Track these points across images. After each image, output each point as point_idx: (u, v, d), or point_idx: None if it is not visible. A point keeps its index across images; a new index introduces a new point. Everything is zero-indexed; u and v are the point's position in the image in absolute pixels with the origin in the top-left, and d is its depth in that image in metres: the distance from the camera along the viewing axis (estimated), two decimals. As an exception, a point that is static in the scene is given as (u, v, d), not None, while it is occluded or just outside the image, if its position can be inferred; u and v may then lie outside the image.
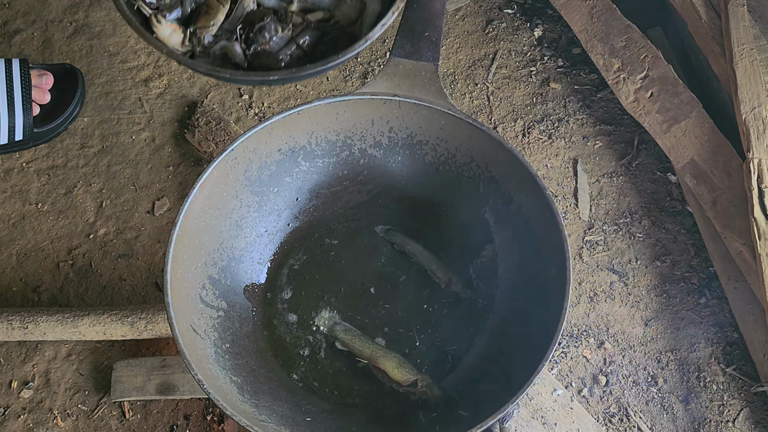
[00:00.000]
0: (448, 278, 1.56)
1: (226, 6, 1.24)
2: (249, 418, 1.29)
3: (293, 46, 1.23)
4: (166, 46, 1.18)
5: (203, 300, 1.46)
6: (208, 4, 1.24)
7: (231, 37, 1.23)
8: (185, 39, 1.22)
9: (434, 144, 1.57)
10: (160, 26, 1.20)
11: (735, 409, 1.74)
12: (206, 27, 1.22)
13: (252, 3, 1.26)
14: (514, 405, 1.27)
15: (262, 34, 1.22)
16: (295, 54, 1.22)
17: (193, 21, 1.23)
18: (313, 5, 1.27)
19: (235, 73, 1.18)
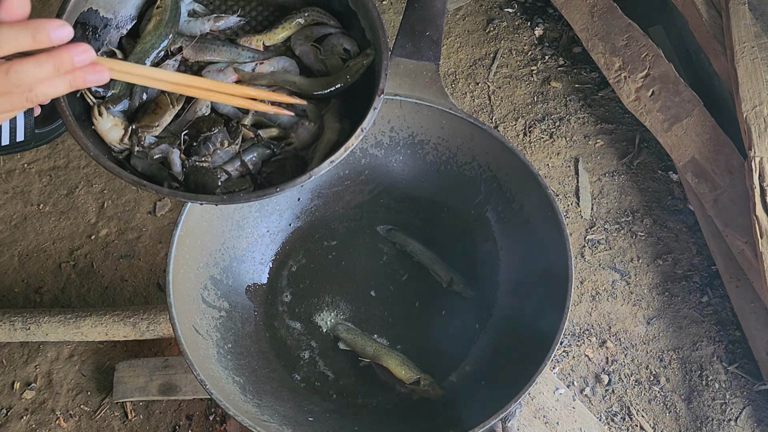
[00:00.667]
0: (450, 278, 1.56)
1: (176, 107, 1.13)
2: (251, 418, 1.29)
3: (237, 162, 1.13)
4: (93, 149, 1.04)
5: (205, 300, 1.46)
6: (158, 102, 1.12)
7: (174, 141, 1.12)
8: (125, 136, 1.10)
9: (435, 143, 1.57)
10: (101, 119, 1.07)
11: (737, 408, 1.74)
12: (150, 127, 1.10)
13: (205, 108, 1.16)
14: (516, 404, 1.27)
15: (206, 145, 1.12)
16: (237, 172, 1.13)
17: (138, 118, 1.12)
18: (268, 121, 1.17)
19: (161, 190, 1.05)
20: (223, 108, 1.17)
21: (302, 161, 1.15)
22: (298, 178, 1.06)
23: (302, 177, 1.06)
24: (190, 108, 1.15)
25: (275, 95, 1.10)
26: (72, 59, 0.83)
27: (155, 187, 1.05)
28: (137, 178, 1.04)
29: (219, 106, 1.17)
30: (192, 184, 1.10)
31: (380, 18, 1.16)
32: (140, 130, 1.10)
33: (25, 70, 0.80)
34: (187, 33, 1.19)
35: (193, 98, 1.15)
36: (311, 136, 1.16)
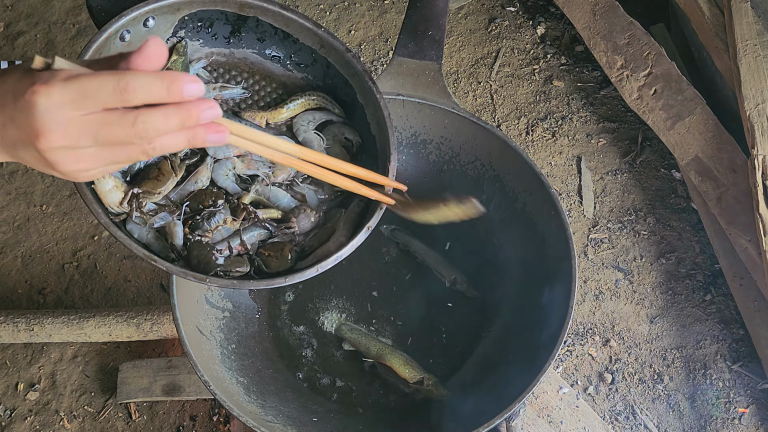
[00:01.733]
0: (453, 277, 1.56)
1: (178, 175, 1.10)
2: (255, 418, 1.29)
3: (237, 240, 1.11)
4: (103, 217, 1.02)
5: (209, 301, 1.46)
6: (160, 168, 1.09)
7: (175, 211, 1.10)
8: (124, 199, 1.06)
9: (438, 143, 1.57)
10: (102, 180, 1.03)
11: (741, 406, 1.74)
12: (152, 193, 1.07)
13: (205, 179, 1.13)
14: (520, 404, 1.27)
15: (209, 220, 1.10)
16: (236, 250, 1.11)
17: (139, 182, 1.09)
18: (268, 201, 1.15)
19: (172, 268, 1.03)
20: (222, 181, 1.15)
21: (300, 248, 1.14)
22: (306, 271, 1.07)
23: (310, 270, 1.08)
24: (191, 179, 1.13)
25: (380, 178, 1.10)
26: (199, 115, 0.78)
27: (167, 265, 1.03)
28: (149, 253, 1.03)
29: (218, 180, 1.15)
30: (194, 259, 1.08)
31: (390, 117, 1.14)
32: (141, 195, 1.08)
33: (152, 122, 0.75)
34: None
35: (195, 168, 1.13)
36: (311, 226, 1.15)
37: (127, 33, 1.07)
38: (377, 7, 2.36)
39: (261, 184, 1.16)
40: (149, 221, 1.09)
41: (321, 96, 1.20)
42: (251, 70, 1.22)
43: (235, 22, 1.18)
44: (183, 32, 1.16)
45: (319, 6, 2.37)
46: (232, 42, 1.20)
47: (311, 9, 2.35)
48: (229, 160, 1.16)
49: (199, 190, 1.13)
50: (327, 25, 2.32)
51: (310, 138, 1.18)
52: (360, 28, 2.32)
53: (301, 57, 1.20)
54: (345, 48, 1.16)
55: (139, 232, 1.09)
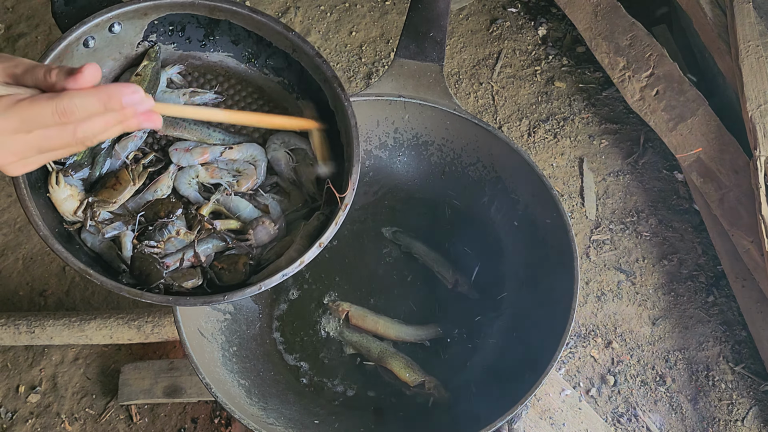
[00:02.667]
0: (455, 279, 1.56)
1: (137, 184, 1.10)
2: (257, 421, 1.29)
3: (190, 252, 1.09)
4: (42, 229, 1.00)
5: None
6: (118, 177, 1.09)
7: (129, 221, 1.08)
8: (79, 208, 1.06)
9: (440, 144, 1.56)
10: (57, 188, 1.03)
11: (744, 408, 1.73)
12: (107, 202, 1.07)
13: (166, 188, 1.13)
14: (522, 406, 1.27)
15: (161, 231, 1.09)
16: (189, 262, 1.09)
17: (96, 191, 1.08)
18: (228, 212, 1.14)
19: (106, 282, 1.01)
20: (184, 190, 1.14)
21: (256, 261, 1.12)
22: (248, 289, 1.04)
23: (252, 288, 1.04)
24: (150, 187, 1.12)
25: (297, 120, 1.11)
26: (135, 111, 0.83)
27: (101, 279, 1.02)
28: (83, 267, 1.01)
29: (181, 188, 1.14)
30: (137, 270, 1.06)
31: (356, 127, 1.12)
32: (96, 204, 1.07)
33: (91, 129, 0.81)
34: None
35: (155, 177, 1.13)
36: (269, 238, 1.13)
37: (92, 39, 1.07)
38: (378, 8, 2.36)
39: (223, 193, 1.15)
40: (102, 230, 1.07)
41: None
42: (227, 74, 1.21)
43: (208, 25, 1.18)
44: (155, 36, 1.15)
45: (320, 7, 2.36)
46: (207, 45, 1.19)
47: (312, 10, 2.35)
48: (192, 168, 1.15)
49: (156, 199, 1.12)
50: (328, 26, 2.32)
51: (279, 156, 1.17)
52: (361, 29, 2.31)
53: (276, 61, 1.20)
54: (315, 53, 1.15)
55: (92, 241, 1.08)
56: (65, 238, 1.05)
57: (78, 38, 1.05)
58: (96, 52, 1.09)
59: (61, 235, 1.04)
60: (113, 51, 1.13)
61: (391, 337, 1.51)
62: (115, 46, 1.12)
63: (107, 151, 1.11)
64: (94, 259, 1.07)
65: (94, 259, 1.07)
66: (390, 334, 1.51)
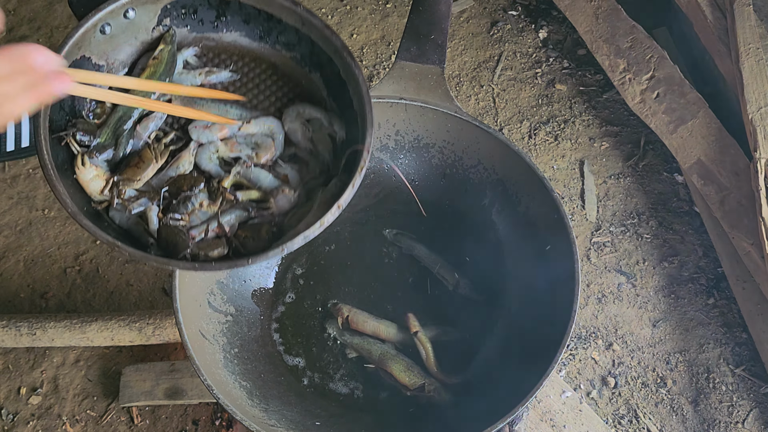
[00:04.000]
0: (456, 281, 1.56)
1: (159, 162, 1.12)
2: (258, 422, 1.29)
3: (214, 223, 1.11)
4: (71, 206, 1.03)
5: (211, 305, 1.46)
6: (141, 155, 1.12)
7: (154, 197, 1.12)
8: (105, 187, 1.10)
9: (441, 147, 1.57)
10: (84, 168, 1.07)
11: (744, 410, 1.73)
12: (132, 180, 1.10)
13: (188, 164, 1.15)
14: (523, 408, 1.27)
15: (185, 204, 1.11)
16: (213, 233, 1.11)
17: (121, 170, 1.12)
18: (248, 183, 1.16)
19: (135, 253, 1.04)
20: (205, 165, 1.17)
21: (278, 228, 1.14)
22: (271, 251, 1.06)
23: (275, 250, 1.06)
24: (173, 164, 1.15)
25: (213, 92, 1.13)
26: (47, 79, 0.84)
27: (129, 250, 1.04)
28: (112, 239, 1.03)
29: (202, 164, 1.17)
30: (163, 241, 1.09)
31: (369, 93, 1.15)
32: (121, 183, 1.10)
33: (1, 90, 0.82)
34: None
35: (177, 154, 1.16)
36: (290, 205, 1.15)
37: (108, 26, 1.10)
38: (379, 10, 2.36)
39: (243, 166, 1.17)
40: (129, 207, 1.10)
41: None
42: (241, 53, 1.23)
43: (218, 6, 1.19)
44: (168, 20, 1.17)
45: (321, 10, 2.37)
46: (219, 26, 1.21)
47: (313, 13, 2.35)
48: (212, 144, 1.18)
49: (179, 175, 1.15)
50: (329, 29, 2.32)
51: (295, 127, 1.20)
52: (362, 31, 2.32)
53: (287, 37, 1.21)
54: (323, 25, 1.17)
55: (120, 218, 1.11)
56: (94, 217, 1.07)
57: (94, 25, 1.07)
58: (113, 38, 1.11)
59: (90, 214, 1.06)
60: (129, 37, 1.15)
61: (392, 340, 1.51)
62: (131, 31, 1.14)
63: (129, 132, 1.14)
64: (123, 236, 1.09)
65: (122, 236, 1.09)
66: (391, 337, 1.52)
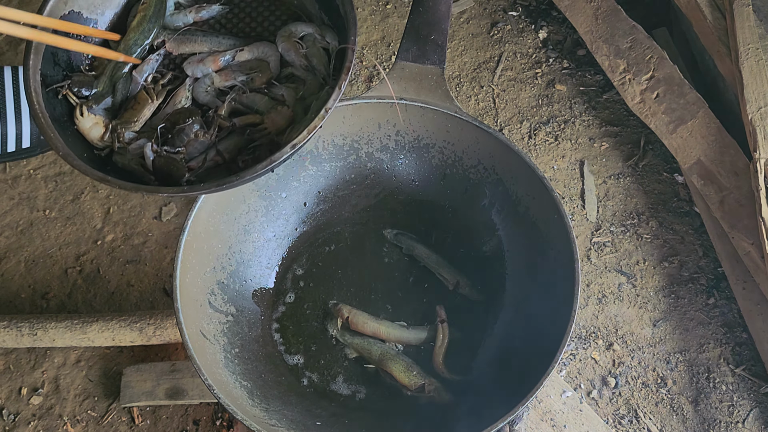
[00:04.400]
0: (456, 281, 1.56)
1: (155, 102, 1.14)
2: (259, 422, 1.29)
3: (213, 152, 1.13)
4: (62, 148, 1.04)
5: (212, 305, 1.46)
6: (137, 98, 1.14)
7: (152, 135, 1.12)
8: (105, 133, 1.11)
9: (441, 147, 1.57)
10: (82, 118, 1.09)
11: (745, 410, 1.74)
12: (130, 122, 1.12)
13: (185, 100, 1.17)
14: (523, 407, 1.27)
15: (180, 136, 1.12)
16: (213, 161, 1.13)
17: (119, 115, 1.14)
18: (246, 107, 1.17)
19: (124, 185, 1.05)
20: (202, 98, 1.17)
21: (276, 146, 1.13)
22: (259, 165, 1.05)
23: (263, 162, 1.05)
24: (170, 101, 1.16)
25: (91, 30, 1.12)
26: None
27: (118, 182, 1.05)
28: (102, 174, 1.04)
29: (199, 97, 1.18)
30: (159, 172, 1.10)
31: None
32: (119, 127, 1.11)
33: None
34: (171, 26, 1.19)
35: (173, 91, 1.17)
36: (285, 120, 1.15)
37: None
38: (379, 11, 2.36)
39: (239, 93, 1.18)
40: (128, 148, 1.12)
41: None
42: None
43: None
44: None
45: (321, 11, 2.37)
46: None
47: (314, 14, 2.36)
48: (207, 77, 1.18)
49: (174, 110, 1.16)
50: (329, 29, 2.32)
51: (288, 47, 1.20)
52: (362, 32, 2.32)
53: None
54: None
55: (123, 161, 1.12)
56: (98, 164, 1.09)
57: None
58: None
59: (93, 161, 1.08)
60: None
61: (392, 340, 1.52)
62: None
63: (126, 79, 1.16)
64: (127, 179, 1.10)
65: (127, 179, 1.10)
66: (391, 337, 1.52)
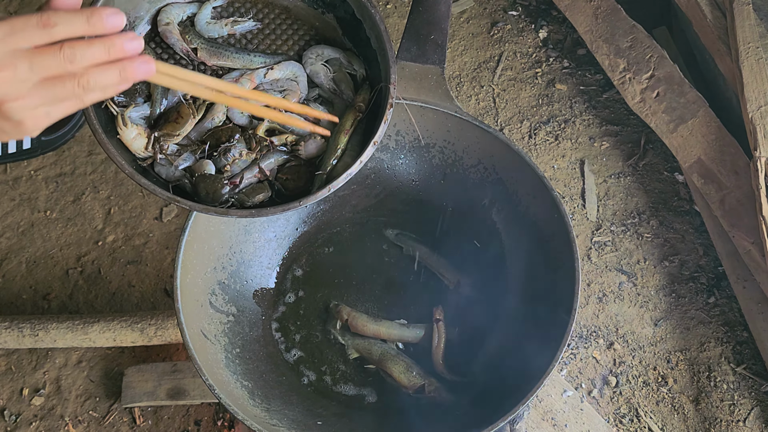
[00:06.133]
0: (457, 280, 1.56)
1: (198, 116, 1.17)
2: (260, 422, 1.30)
3: (255, 169, 1.18)
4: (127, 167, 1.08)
5: (213, 305, 1.46)
6: (179, 111, 1.16)
7: (197, 150, 1.16)
8: (148, 144, 1.14)
9: (441, 147, 1.57)
10: (126, 129, 1.11)
11: (746, 409, 1.74)
12: (172, 135, 1.15)
13: (222, 115, 1.20)
14: (524, 407, 1.27)
15: (226, 155, 1.16)
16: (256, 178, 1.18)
17: (160, 126, 1.16)
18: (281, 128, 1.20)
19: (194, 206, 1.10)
20: (238, 119, 1.21)
21: (313, 168, 1.19)
22: (319, 192, 1.12)
23: (322, 191, 1.12)
24: (207, 117, 1.19)
25: (312, 110, 1.14)
26: (123, 44, 0.85)
27: (189, 204, 1.10)
28: (171, 195, 1.09)
29: (234, 116, 1.21)
30: (202, 191, 1.14)
31: (386, 31, 1.18)
32: (162, 138, 1.14)
33: (77, 46, 0.82)
34: (206, 36, 1.22)
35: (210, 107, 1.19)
36: (318, 150, 1.20)
37: None
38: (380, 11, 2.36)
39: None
40: (174, 162, 1.16)
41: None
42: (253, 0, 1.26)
43: None
44: None
45: (321, 11, 2.37)
46: None
47: (314, 14, 2.36)
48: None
49: (216, 127, 1.19)
50: (329, 29, 2.33)
51: (317, 69, 1.23)
52: (362, 32, 2.32)
53: None
54: None
55: (166, 173, 1.16)
56: (142, 174, 1.12)
57: None
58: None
59: (138, 172, 1.11)
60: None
61: (393, 340, 1.52)
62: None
63: (164, 89, 1.18)
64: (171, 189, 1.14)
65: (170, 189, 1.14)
66: (392, 337, 1.52)
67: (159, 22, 1.20)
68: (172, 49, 1.21)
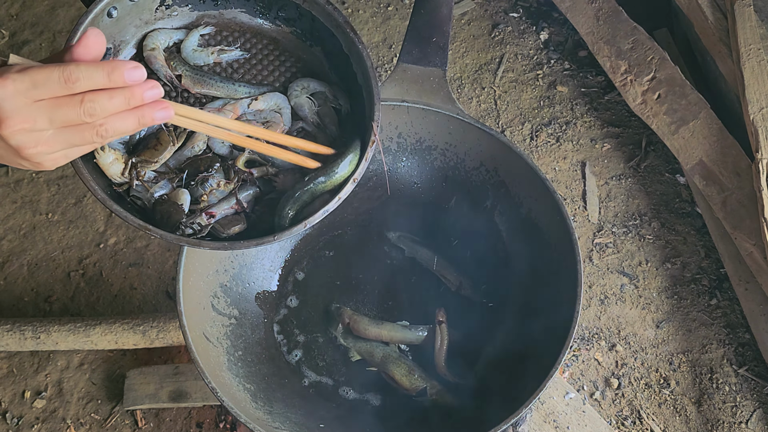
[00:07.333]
0: (459, 282, 1.56)
1: (177, 144, 1.16)
2: (263, 425, 1.30)
3: (233, 200, 1.17)
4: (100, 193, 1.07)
5: (215, 308, 1.46)
6: (159, 138, 1.15)
7: (174, 178, 1.15)
8: (125, 170, 1.13)
9: (443, 149, 1.57)
10: (103, 153, 1.09)
11: (748, 410, 1.74)
12: (150, 162, 1.13)
13: (202, 143, 1.19)
14: (526, 409, 1.27)
15: (203, 185, 1.16)
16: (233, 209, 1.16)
17: (138, 152, 1.15)
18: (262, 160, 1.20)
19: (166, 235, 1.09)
20: (218, 149, 1.20)
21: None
22: (294, 227, 1.11)
23: (298, 226, 1.11)
24: (187, 145, 1.18)
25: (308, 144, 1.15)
26: (142, 93, 0.87)
27: (161, 233, 1.09)
28: (142, 223, 1.08)
29: (215, 145, 1.20)
30: (158, 214, 1.13)
31: (373, 68, 1.17)
32: (140, 165, 1.13)
33: (97, 100, 0.84)
34: (191, 62, 1.20)
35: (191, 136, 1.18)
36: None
37: (114, 9, 1.12)
38: (381, 13, 2.36)
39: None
40: (150, 190, 1.14)
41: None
42: (242, 30, 1.25)
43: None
44: (170, 0, 1.19)
45: (322, 13, 2.37)
46: (220, 3, 1.23)
47: (315, 16, 2.36)
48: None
49: (195, 155, 1.18)
50: (331, 32, 2.33)
51: (302, 102, 1.22)
52: (364, 34, 2.32)
53: (287, 12, 1.23)
54: (325, 1, 1.18)
55: (143, 199, 1.14)
56: (117, 199, 1.11)
57: (102, 9, 1.10)
58: (119, 20, 1.14)
59: (113, 197, 1.10)
60: (134, 18, 1.17)
61: (395, 342, 1.52)
62: (135, 12, 1.17)
63: None
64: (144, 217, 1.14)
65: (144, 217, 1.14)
66: (394, 340, 1.52)
67: (144, 47, 1.19)
68: (155, 75, 1.19)
